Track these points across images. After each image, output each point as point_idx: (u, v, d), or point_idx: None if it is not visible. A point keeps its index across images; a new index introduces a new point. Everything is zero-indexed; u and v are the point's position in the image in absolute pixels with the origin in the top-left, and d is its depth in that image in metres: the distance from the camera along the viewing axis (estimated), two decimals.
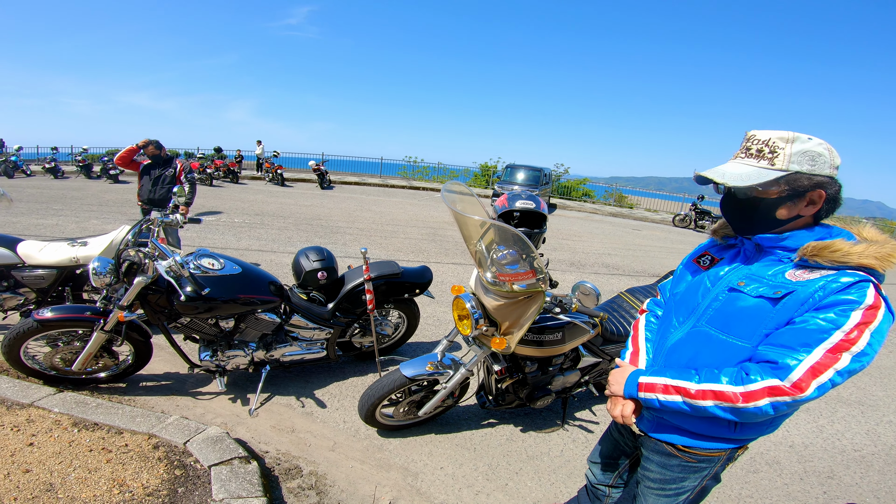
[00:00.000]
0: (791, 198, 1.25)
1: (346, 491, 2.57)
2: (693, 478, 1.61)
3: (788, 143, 1.22)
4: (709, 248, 1.60)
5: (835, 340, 1.16)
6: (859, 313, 1.16)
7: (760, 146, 1.26)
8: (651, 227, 15.78)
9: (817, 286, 1.21)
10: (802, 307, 1.22)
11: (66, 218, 8.65)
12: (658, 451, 1.64)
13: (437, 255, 8.14)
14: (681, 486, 1.64)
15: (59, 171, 15.23)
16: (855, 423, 3.78)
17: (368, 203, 13.94)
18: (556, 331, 2.68)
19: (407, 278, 3.72)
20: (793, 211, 1.27)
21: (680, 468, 1.60)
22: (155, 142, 5.44)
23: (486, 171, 22.91)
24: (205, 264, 2.97)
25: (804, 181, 1.22)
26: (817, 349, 1.17)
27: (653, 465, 1.68)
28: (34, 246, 3.72)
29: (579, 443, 3.16)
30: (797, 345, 1.20)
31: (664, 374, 1.41)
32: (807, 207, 1.26)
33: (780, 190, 1.24)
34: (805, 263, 1.27)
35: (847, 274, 1.20)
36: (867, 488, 2.98)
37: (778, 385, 1.20)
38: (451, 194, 2.41)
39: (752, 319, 1.31)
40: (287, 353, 3.39)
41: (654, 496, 1.72)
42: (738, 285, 1.36)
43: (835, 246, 1.22)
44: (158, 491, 2.26)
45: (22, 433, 2.52)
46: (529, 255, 2.28)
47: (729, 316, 1.36)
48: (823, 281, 1.21)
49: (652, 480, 1.70)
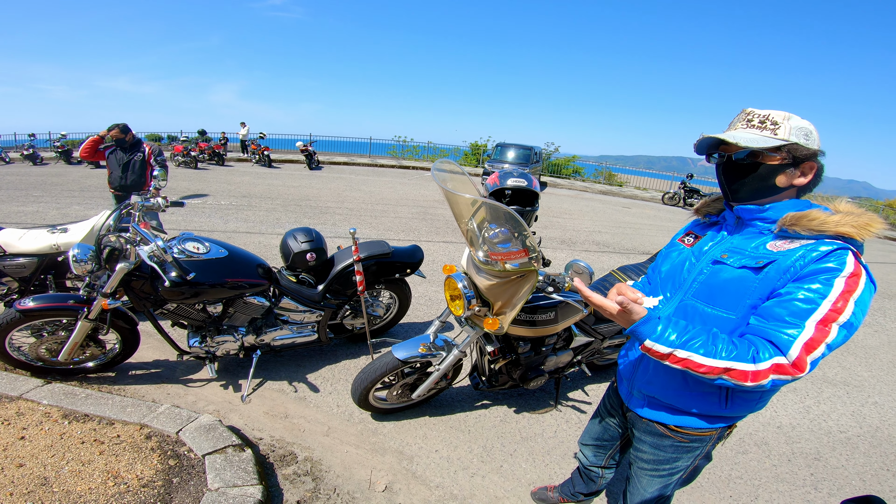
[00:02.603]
0: (790, 166, 1.31)
1: (342, 476, 2.56)
2: (686, 457, 1.63)
3: (786, 119, 1.30)
4: (692, 228, 1.64)
5: (823, 311, 1.18)
6: (842, 281, 1.19)
7: (762, 119, 1.32)
8: (641, 206, 15.81)
9: (797, 255, 1.25)
10: (784, 276, 1.26)
11: (46, 205, 8.46)
12: (650, 432, 1.65)
13: (428, 234, 8.09)
14: (674, 466, 1.66)
15: (37, 158, 14.90)
16: (840, 403, 3.82)
17: (358, 183, 13.78)
18: (549, 310, 2.66)
19: (397, 258, 3.67)
20: (790, 179, 1.33)
21: (673, 448, 1.62)
22: (121, 125, 5.24)
23: (477, 150, 22.74)
24: (189, 248, 2.90)
25: (802, 151, 1.29)
26: (808, 322, 1.19)
27: (645, 447, 1.69)
28: (14, 234, 3.62)
29: (573, 423, 3.18)
30: (788, 318, 1.22)
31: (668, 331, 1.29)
32: (799, 178, 1.33)
33: (783, 157, 1.30)
34: (785, 234, 1.31)
35: (825, 242, 1.24)
36: (853, 470, 3.02)
37: (783, 364, 1.20)
38: (442, 173, 2.35)
39: (737, 290, 1.34)
40: (278, 337, 3.35)
41: (647, 477, 1.73)
42: (721, 258, 1.40)
43: (812, 215, 1.27)
44: (153, 482, 2.23)
45: (13, 427, 2.48)
46: (522, 233, 2.23)
47: (713, 288, 1.40)
48: (803, 250, 1.25)
49: (645, 461, 1.71)
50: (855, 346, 5.06)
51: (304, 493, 2.42)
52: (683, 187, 16.35)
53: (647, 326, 1.29)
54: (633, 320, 1.30)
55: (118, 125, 5.23)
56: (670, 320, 1.31)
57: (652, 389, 1.58)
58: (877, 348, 5.09)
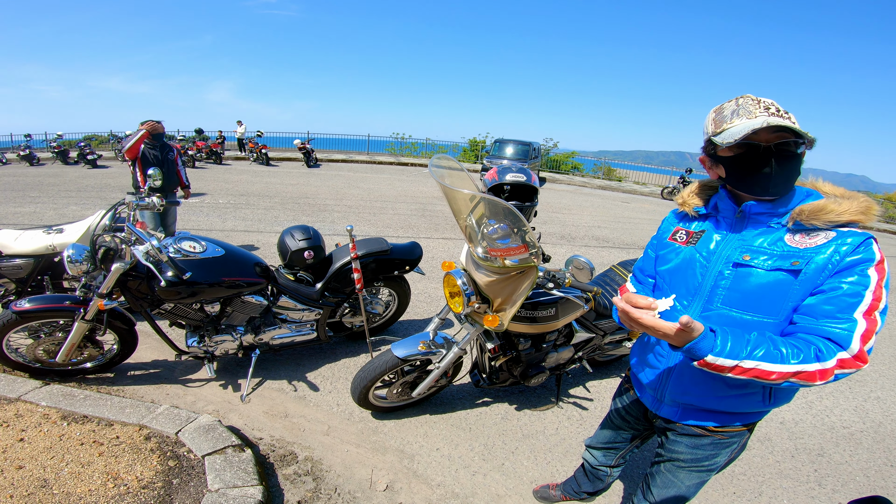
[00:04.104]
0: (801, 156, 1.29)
1: (343, 476, 2.54)
2: (725, 452, 1.61)
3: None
4: (679, 223, 1.56)
5: (868, 302, 1.20)
6: (874, 270, 1.21)
7: (778, 108, 1.25)
8: (640, 200, 15.79)
9: (830, 250, 1.24)
10: (823, 273, 1.24)
11: (43, 205, 8.41)
12: (687, 434, 1.61)
13: (427, 231, 8.06)
14: (713, 462, 1.64)
15: (34, 158, 14.83)
16: (843, 399, 3.80)
17: (356, 180, 13.75)
18: (550, 306, 2.64)
19: (396, 255, 3.65)
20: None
21: (712, 446, 1.59)
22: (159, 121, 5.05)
23: (475, 146, 22.69)
24: (185, 247, 2.87)
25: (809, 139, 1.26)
26: (857, 314, 1.20)
27: (681, 447, 1.64)
28: (10, 235, 3.59)
29: (574, 420, 3.16)
30: (839, 312, 1.22)
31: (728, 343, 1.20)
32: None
33: (807, 145, 1.27)
34: (801, 227, 1.28)
35: (851, 234, 1.24)
36: (856, 466, 3.00)
37: (846, 357, 1.20)
38: (440, 169, 2.33)
39: (776, 294, 1.29)
40: (276, 335, 3.33)
41: (686, 473, 1.68)
42: (743, 259, 1.33)
43: (827, 208, 1.25)
44: (153, 483, 2.21)
45: (12, 429, 2.46)
46: (521, 228, 2.21)
47: (747, 294, 1.33)
48: (834, 245, 1.24)
49: (683, 461, 1.66)
50: None
51: (305, 493, 2.40)
52: (682, 182, 16.38)
53: (706, 342, 1.18)
54: (693, 338, 1.17)
55: (155, 121, 5.03)
56: (723, 331, 1.22)
57: (689, 399, 1.53)
58: (879, 343, 5.07)
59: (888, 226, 16.65)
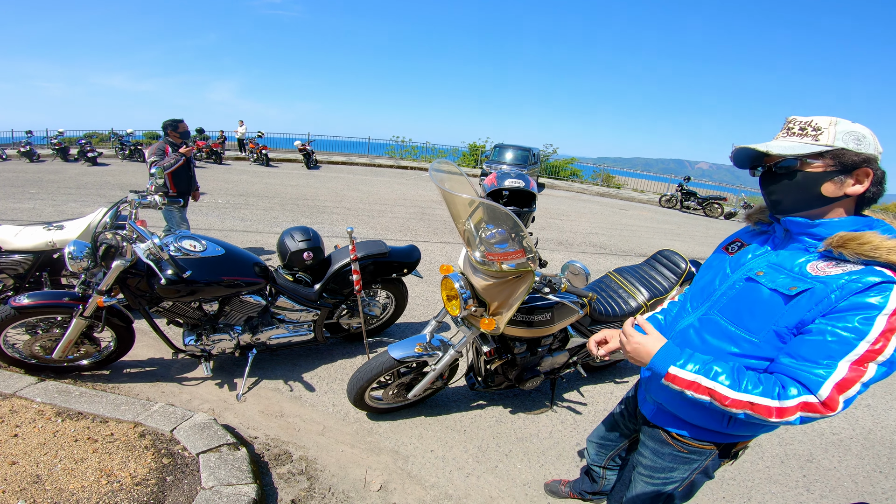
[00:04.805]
0: (838, 173, 1.18)
1: (337, 475, 2.56)
2: (682, 469, 1.61)
3: (832, 124, 1.19)
4: (741, 235, 1.54)
5: (860, 352, 1.10)
6: (884, 320, 1.08)
7: (803, 125, 1.23)
8: (638, 207, 15.83)
9: (837, 285, 1.15)
10: (817, 307, 1.17)
11: (42, 201, 8.42)
12: (653, 438, 1.66)
13: (426, 234, 8.08)
14: (669, 477, 1.64)
15: (34, 155, 14.83)
16: None
17: (356, 182, 13.77)
18: (545, 311, 2.66)
19: (394, 258, 3.67)
20: (840, 189, 1.19)
21: (671, 457, 1.61)
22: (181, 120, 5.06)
23: (475, 151, 22.73)
24: (186, 246, 2.89)
25: (852, 157, 1.16)
26: (842, 363, 1.11)
27: (647, 451, 1.70)
28: (10, 231, 3.61)
29: (568, 424, 3.18)
30: (821, 358, 1.14)
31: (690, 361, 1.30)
32: (853, 187, 1.19)
33: (827, 164, 1.18)
34: (830, 255, 1.20)
35: (874, 273, 1.12)
36: (845, 472, 3.02)
37: (812, 402, 1.14)
38: (440, 173, 2.35)
39: (763, 313, 1.27)
40: (274, 335, 3.34)
41: (642, 482, 1.74)
42: (756, 275, 1.32)
43: (865, 238, 1.14)
44: (147, 480, 2.22)
45: (6, 424, 2.47)
46: (519, 234, 2.24)
47: (741, 306, 1.33)
48: (846, 279, 1.14)
49: (643, 466, 1.72)
50: None
51: (299, 492, 2.41)
52: (681, 190, 16.40)
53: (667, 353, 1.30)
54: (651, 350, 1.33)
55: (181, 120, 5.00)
56: (693, 354, 1.30)
57: (661, 397, 1.58)
58: None
59: None
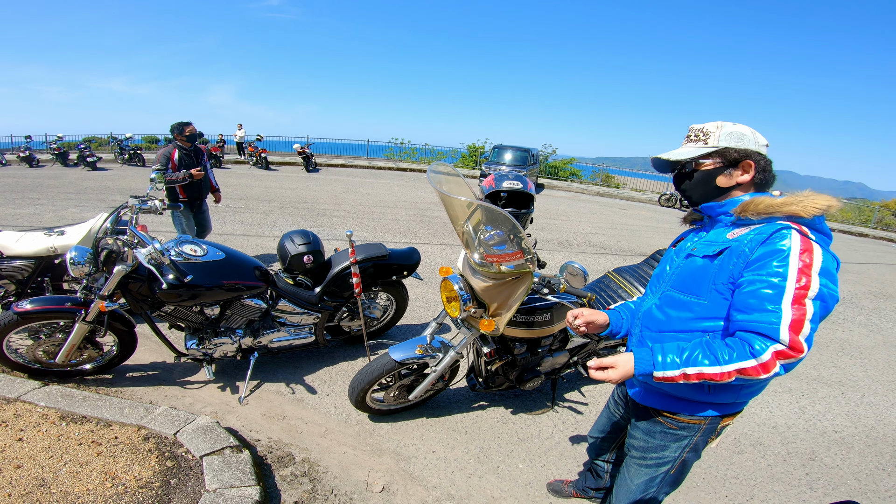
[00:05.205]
0: (726, 167, 1.46)
1: (340, 477, 2.57)
2: (673, 447, 1.67)
3: (718, 128, 1.47)
4: (685, 234, 1.76)
5: (791, 292, 1.26)
6: (796, 259, 1.28)
7: (697, 132, 1.51)
8: (637, 207, 15.86)
9: (747, 240, 1.37)
10: (738, 261, 1.37)
11: (43, 207, 8.44)
12: (643, 418, 1.73)
13: (425, 237, 8.10)
14: (661, 456, 1.70)
15: (34, 160, 14.85)
16: (836, 403, 3.84)
17: (355, 185, 13.79)
18: (545, 312, 2.68)
19: (394, 260, 3.68)
20: (731, 179, 1.47)
21: (662, 435, 1.67)
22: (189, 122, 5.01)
23: (474, 152, 22.75)
24: (187, 251, 2.91)
25: (734, 154, 1.44)
26: (783, 305, 1.27)
27: (638, 433, 1.75)
28: (11, 236, 3.62)
29: (569, 424, 3.19)
30: (766, 305, 1.29)
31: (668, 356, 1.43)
32: (742, 177, 1.45)
33: (715, 162, 1.47)
34: (741, 222, 1.44)
35: (774, 225, 1.35)
36: (848, 470, 3.04)
37: (781, 349, 1.27)
38: (438, 175, 2.37)
39: (702, 278, 1.47)
40: (275, 339, 3.36)
41: (636, 466, 1.78)
42: (692, 251, 1.55)
43: (758, 200, 1.39)
44: (151, 483, 2.24)
45: (10, 428, 2.48)
46: (517, 235, 2.25)
47: (685, 278, 1.54)
48: (753, 234, 1.37)
49: (636, 449, 1.77)
50: (850, 346, 5.09)
51: (302, 493, 2.43)
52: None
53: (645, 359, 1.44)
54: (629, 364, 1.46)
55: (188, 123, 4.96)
56: (660, 347, 1.45)
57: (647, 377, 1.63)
58: (872, 349, 5.12)
59: (884, 233, 16.76)
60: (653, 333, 1.62)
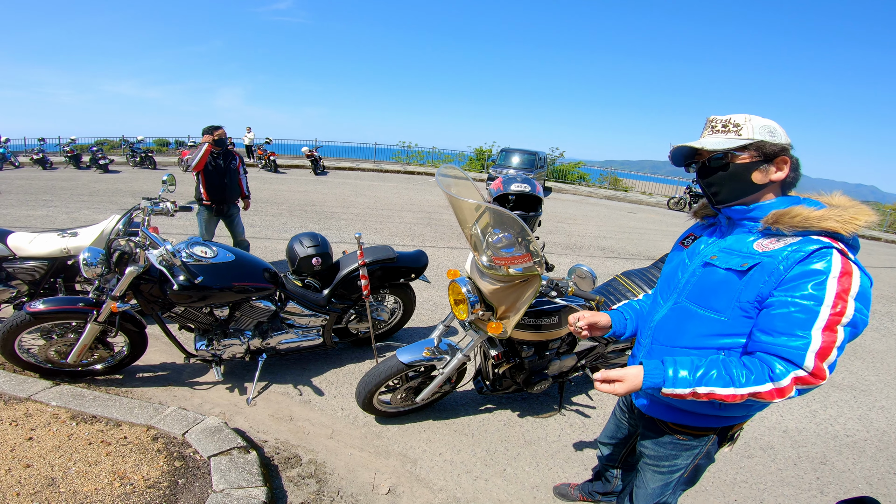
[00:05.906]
0: (762, 162, 1.33)
1: (346, 478, 2.58)
2: (685, 455, 1.64)
3: (748, 120, 1.34)
4: (693, 230, 1.66)
5: (825, 318, 1.18)
6: (834, 283, 1.18)
7: (724, 123, 1.37)
8: (646, 210, 15.79)
9: (782, 256, 1.25)
10: (770, 279, 1.26)
11: (56, 209, 8.55)
12: (652, 429, 1.69)
13: (433, 240, 8.11)
14: (674, 464, 1.67)
15: (47, 162, 15.06)
16: (847, 408, 3.80)
17: (363, 188, 13.84)
18: (553, 315, 2.67)
19: (402, 263, 3.70)
20: (765, 176, 1.34)
21: (671, 446, 1.64)
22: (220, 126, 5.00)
23: (481, 156, 22.78)
24: (197, 252, 2.93)
25: (771, 147, 1.32)
26: (813, 331, 1.19)
27: (648, 442, 1.73)
28: (24, 237, 3.67)
29: (576, 427, 3.18)
30: (795, 330, 1.21)
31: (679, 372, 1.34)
32: (776, 174, 1.34)
33: (752, 155, 1.33)
34: (769, 232, 1.33)
35: (811, 241, 1.24)
36: (859, 474, 3.00)
37: (802, 375, 1.21)
38: (446, 178, 2.38)
39: (725, 292, 1.36)
40: (283, 340, 3.38)
41: (650, 472, 1.76)
42: (711, 259, 1.42)
43: (794, 212, 1.27)
44: (159, 483, 2.25)
45: (21, 428, 2.51)
46: (525, 238, 2.25)
47: (704, 290, 1.42)
48: (788, 250, 1.25)
49: (648, 457, 1.75)
50: (862, 350, 5.03)
51: (308, 495, 2.43)
52: (689, 192, 16.28)
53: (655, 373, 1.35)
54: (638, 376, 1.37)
55: (219, 126, 4.96)
56: (671, 360, 1.36)
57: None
58: (884, 353, 5.06)
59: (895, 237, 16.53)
60: (664, 347, 1.53)
